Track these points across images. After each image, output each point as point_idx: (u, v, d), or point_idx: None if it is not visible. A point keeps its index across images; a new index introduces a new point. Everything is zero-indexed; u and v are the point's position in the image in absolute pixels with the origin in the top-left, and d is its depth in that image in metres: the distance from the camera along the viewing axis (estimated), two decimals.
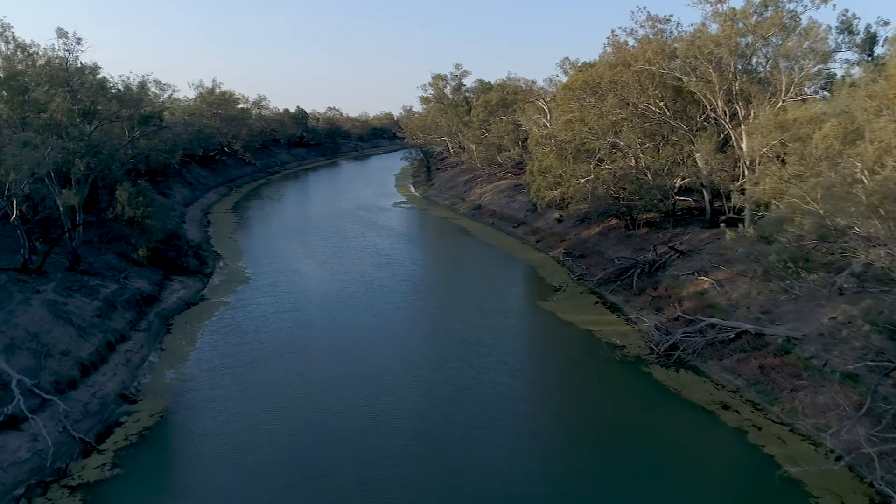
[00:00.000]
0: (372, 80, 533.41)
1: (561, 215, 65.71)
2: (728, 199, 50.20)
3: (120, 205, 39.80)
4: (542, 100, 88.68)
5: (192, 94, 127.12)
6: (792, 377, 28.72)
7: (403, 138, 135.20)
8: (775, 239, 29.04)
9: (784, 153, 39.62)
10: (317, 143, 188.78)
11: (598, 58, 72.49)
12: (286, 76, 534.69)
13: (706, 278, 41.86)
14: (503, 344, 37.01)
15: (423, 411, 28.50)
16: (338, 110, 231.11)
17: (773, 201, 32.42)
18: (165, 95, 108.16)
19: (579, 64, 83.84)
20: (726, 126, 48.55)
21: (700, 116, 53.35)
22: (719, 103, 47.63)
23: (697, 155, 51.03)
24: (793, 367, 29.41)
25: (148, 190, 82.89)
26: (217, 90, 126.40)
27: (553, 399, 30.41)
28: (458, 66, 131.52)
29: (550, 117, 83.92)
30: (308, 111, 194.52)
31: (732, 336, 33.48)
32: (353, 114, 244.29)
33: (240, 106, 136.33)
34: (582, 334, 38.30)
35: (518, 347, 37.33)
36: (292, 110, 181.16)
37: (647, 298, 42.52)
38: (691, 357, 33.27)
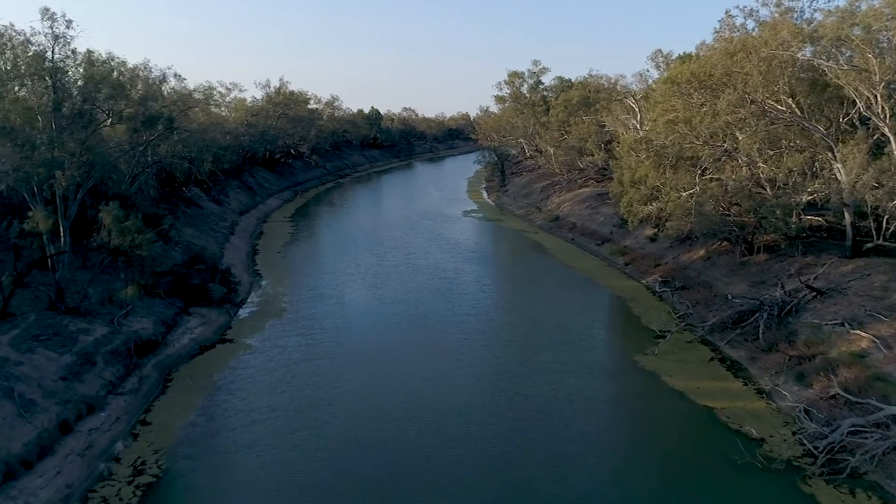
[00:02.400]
0: (449, 80, 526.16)
1: (655, 233, 55.61)
2: (885, 220, 39.06)
3: (105, 230, 32.11)
4: (631, 98, 78.16)
5: (259, 94, 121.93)
6: None
7: (477, 140, 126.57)
8: None
9: None
10: (391, 144, 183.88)
11: (695, 50, 62.07)
12: (361, 76, 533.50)
13: (863, 333, 31.24)
14: (590, 424, 27.52)
15: None
16: (413, 111, 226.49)
17: None
18: (231, 95, 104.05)
19: (673, 57, 73.44)
20: (885, 128, 37.33)
21: (843, 116, 42.22)
22: (878, 98, 36.50)
23: (839, 165, 39.96)
24: None
25: (200, 198, 77.89)
26: (284, 90, 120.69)
27: None
28: (535, 63, 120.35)
29: (640, 118, 73.65)
30: (382, 112, 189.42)
31: None
32: (429, 114, 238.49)
33: (310, 106, 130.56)
34: (699, 414, 28.15)
35: (611, 432, 27.59)
36: (366, 111, 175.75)
37: (782, 357, 32.06)
38: (869, 466, 22.95)
